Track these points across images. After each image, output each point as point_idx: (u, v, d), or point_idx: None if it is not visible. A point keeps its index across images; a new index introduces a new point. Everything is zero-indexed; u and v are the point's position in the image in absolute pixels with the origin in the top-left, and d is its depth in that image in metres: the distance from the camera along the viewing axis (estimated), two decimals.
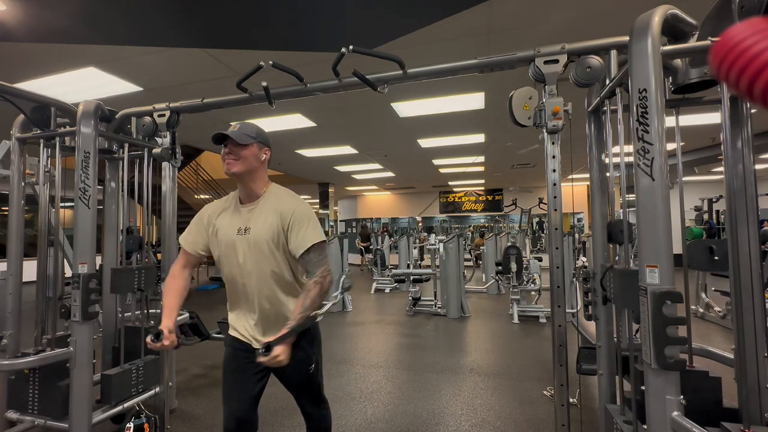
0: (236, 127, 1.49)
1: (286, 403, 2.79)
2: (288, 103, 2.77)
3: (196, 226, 1.61)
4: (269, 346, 1.27)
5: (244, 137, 1.47)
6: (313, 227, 1.48)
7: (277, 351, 1.28)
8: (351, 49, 1.76)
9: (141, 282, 2.35)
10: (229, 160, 1.47)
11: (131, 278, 2.31)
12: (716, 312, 4.93)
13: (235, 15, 2.68)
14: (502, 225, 14.20)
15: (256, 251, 1.47)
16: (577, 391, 2.60)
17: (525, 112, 1.75)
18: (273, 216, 1.48)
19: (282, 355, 1.29)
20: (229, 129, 1.48)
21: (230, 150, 1.47)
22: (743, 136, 1.48)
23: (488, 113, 4.89)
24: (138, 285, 2.34)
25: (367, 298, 7.46)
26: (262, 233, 1.47)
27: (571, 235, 6.60)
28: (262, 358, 1.27)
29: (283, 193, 1.57)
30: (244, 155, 1.48)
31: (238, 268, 1.50)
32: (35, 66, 3.33)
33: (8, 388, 2.32)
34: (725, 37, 0.62)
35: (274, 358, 1.27)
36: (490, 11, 2.67)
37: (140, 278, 2.35)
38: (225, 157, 1.48)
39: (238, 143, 1.46)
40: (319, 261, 1.45)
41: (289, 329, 1.33)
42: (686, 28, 1.46)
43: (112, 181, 2.67)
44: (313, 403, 1.66)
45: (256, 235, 1.47)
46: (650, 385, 1.26)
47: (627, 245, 1.55)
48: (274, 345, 1.28)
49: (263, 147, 1.54)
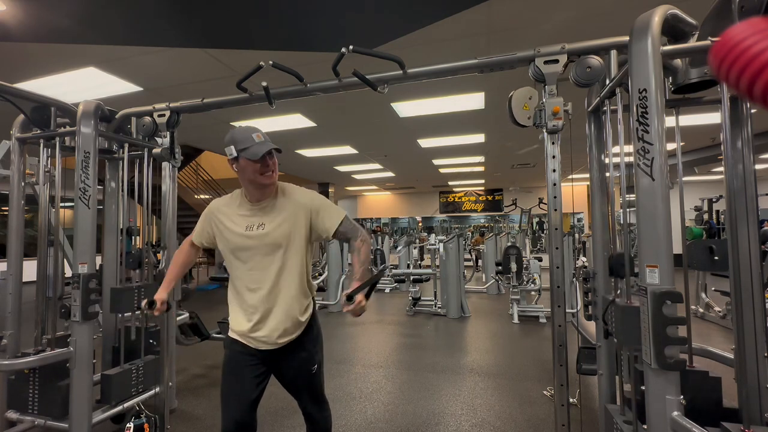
0: (261, 136, 1.47)
1: (286, 403, 2.79)
2: (288, 103, 2.77)
3: (201, 224, 1.64)
4: (351, 296, 1.35)
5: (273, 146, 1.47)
6: (334, 208, 1.57)
7: (359, 298, 1.35)
8: (351, 49, 1.76)
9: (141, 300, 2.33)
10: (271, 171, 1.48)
11: (131, 297, 2.30)
12: (716, 312, 4.93)
13: (235, 15, 2.68)
14: (502, 225, 14.20)
15: (271, 248, 1.48)
16: (577, 391, 2.60)
17: (525, 112, 1.75)
18: (294, 210, 1.51)
19: (364, 302, 1.37)
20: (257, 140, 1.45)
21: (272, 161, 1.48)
22: (743, 136, 1.48)
23: (488, 113, 4.89)
24: (138, 304, 2.32)
25: None
26: (282, 229, 1.48)
27: (571, 235, 6.60)
28: (347, 307, 1.35)
29: (295, 188, 1.60)
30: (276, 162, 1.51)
31: (248, 264, 1.50)
32: (35, 66, 3.33)
33: (8, 388, 2.32)
34: (725, 37, 0.62)
35: (359, 304, 1.35)
36: (490, 11, 2.67)
37: (140, 297, 2.33)
38: (266, 170, 1.46)
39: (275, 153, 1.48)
40: (353, 227, 1.56)
41: (360, 281, 1.40)
42: (686, 28, 1.46)
43: (112, 181, 2.67)
44: (315, 403, 1.66)
45: (274, 232, 1.48)
46: (650, 385, 1.26)
47: (628, 279, 1.53)
48: (354, 294, 1.35)
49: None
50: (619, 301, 1.53)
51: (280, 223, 1.48)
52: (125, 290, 2.31)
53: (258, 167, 1.45)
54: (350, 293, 1.35)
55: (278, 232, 1.48)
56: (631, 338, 1.37)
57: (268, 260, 1.48)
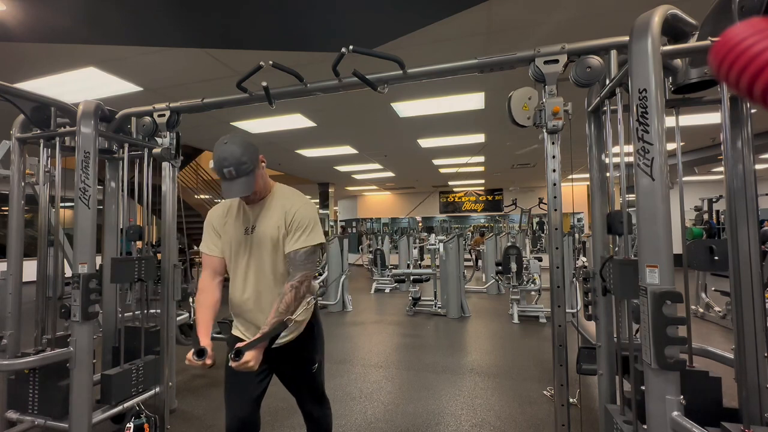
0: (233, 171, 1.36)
1: (286, 403, 2.79)
2: (288, 103, 2.76)
3: (209, 231, 1.60)
4: (240, 351, 1.25)
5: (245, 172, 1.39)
6: (310, 229, 1.47)
7: (247, 357, 1.27)
8: (351, 49, 1.76)
9: (141, 272, 2.32)
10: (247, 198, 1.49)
11: (131, 268, 2.28)
12: (716, 312, 4.93)
13: (235, 15, 2.68)
14: (502, 225, 14.20)
15: (259, 250, 1.48)
16: (577, 391, 2.60)
17: (524, 113, 1.75)
18: (279, 214, 1.49)
19: (252, 361, 1.28)
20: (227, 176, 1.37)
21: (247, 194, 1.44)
22: (743, 136, 1.48)
23: (488, 113, 4.89)
24: (138, 275, 2.31)
25: (367, 298, 7.46)
26: (267, 231, 1.48)
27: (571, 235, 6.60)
28: (232, 363, 1.25)
29: (289, 192, 1.58)
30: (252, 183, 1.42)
31: (243, 267, 1.51)
32: (35, 66, 3.33)
33: (8, 388, 2.32)
34: (725, 37, 0.62)
35: (245, 363, 1.26)
36: (490, 11, 2.67)
37: (140, 268, 2.32)
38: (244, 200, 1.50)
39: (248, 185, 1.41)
40: (302, 264, 1.43)
41: (261, 334, 1.32)
42: (686, 28, 1.46)
43: (112, 181, 2.67)
44: (315, 402, 1.66)
45: (261, 234, 1.48)
46: (650, 385, 1.26)
47: (626, 236, 1.54)
48: (245, 350, 1.26)
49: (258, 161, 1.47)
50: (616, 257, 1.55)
51: (270, 224, 1.49)
52: (125, 260, 2.29)
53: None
54: (241, 347, 1.26)
55: (268, 233, 1.48)
56: (627, 291, 1.42)
57: (260, 261, 1.49)
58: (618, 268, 1.48)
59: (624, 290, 1.46)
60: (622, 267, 1.46)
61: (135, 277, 2.31)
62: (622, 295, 1.53)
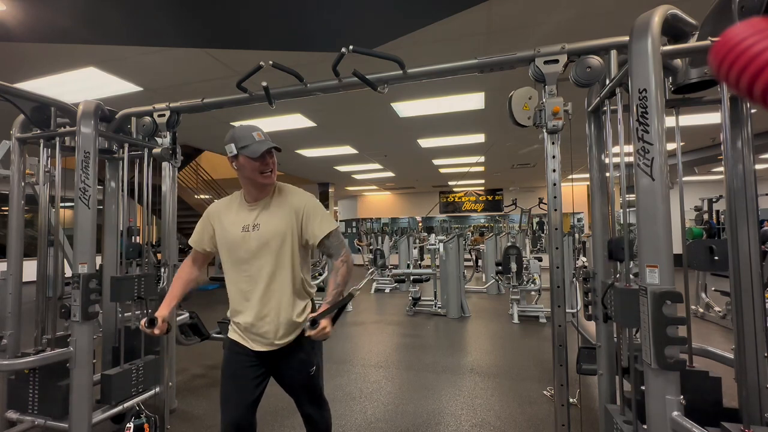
0: (261, 135, 1.47)
1: (286, 403, 2.79)
2: (288, 103, 2.77)
3: (201, 226, 1.63)
4: (315, 321, 1.34)
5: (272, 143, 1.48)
6: (327, 216, 1.55)
7: (323, 323, 1.35)
8: (351, 49, 1.76)
9: (141, 289, 2.34)
10: (270, 171, 1.49)
11: (131, 286, 2.30)
12: (716, 312, 4.92)
13: (235, 15, 2.68)
14: (502, 225, 14.19)
15: (264, 248, 1.48)
16: (577, 391, 2.60)
17: (525, 112, 1.75)
18: (288, 211, 1.50)
19: (328, 328, 1.36)
20: (257, 138, 1.45)
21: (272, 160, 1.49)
22: (743, 136, 1.48)
23: (488, 113, 4.89)
24: (138, 293, 2.32)
25: (367, 298, 7.46)
26: (274, 229, 1.48)
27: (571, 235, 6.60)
28: (309, 332, 1.34)
29: (291, 189, 1.59)
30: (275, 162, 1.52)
31: (243, 265, 1.50)
32: (35, 66, 3.33)
33: (8, 388, 2.32)
34: (725, 37, 0.62)
35: (322, 330, 1.34)
36: (490, 11, 2.67)
37: (140, 286, 2.33)
38: (265, 169, 1.47)
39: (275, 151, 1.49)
40: (339, 244, 1.53)
41: (329, 304, 1.41)
42: (686, 28, 1.46)
43: (112, 181, 2.67)
44: (314, 404, 1.65)
45: (267, 232, 1.48)
46: (650, 385, 1.26)
47: (628, 262, 1.54)
48: (319, 318, 1.34)
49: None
50: (618, 284, 1.54)
51: (275, 223, 1.49)
52: (125, 279, 2.30)
53: (257, 165, 1.45)
54: (315, 317, 1.35)
55: (272, 232, 1.48)
56: (629, 320, 1.41)
57: (262, 261, 1.48)
58: (620, 296, 1.47)
59: (626, 318, 1.45)
60: (624, 295, 1.44)
61: (135, 295, 2.31)
62: (623, 323, 1.52)
